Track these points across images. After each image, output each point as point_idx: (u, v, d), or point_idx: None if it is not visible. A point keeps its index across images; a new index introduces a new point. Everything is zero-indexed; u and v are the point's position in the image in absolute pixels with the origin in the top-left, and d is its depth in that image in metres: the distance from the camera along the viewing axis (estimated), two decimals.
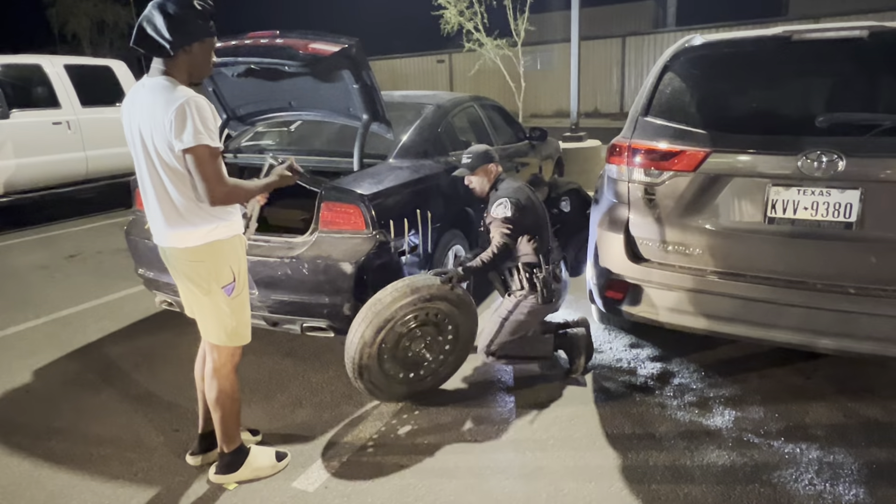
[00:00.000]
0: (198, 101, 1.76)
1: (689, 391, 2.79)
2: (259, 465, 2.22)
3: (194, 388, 2.88)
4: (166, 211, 1.89)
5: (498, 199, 2.83)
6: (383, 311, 2.51)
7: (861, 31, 2.39)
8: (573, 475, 2.22)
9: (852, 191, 2.29)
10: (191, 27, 1.78)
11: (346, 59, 2.90)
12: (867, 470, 2.20)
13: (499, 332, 2.80)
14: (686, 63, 2.74)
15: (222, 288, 1.99)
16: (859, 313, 2.29)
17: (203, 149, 1.73)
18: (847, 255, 2.35)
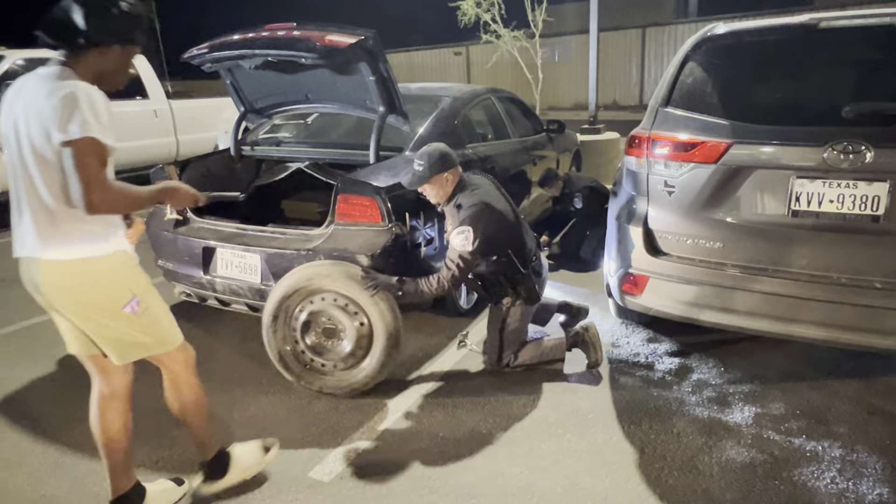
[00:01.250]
0: (91, 91, 1.53)
1: (707, 386, 2.76)
2: (246, 462, 2.13)
3: (217, 376, 2.95)
4: (36, 217, 1.61)
5: (460, 227, 2.57)
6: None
7: (892, 18, 2.33)
8: (589, 469, 2.22)
9: (880, 183, 2.24)
10: (111, 24, 1.60)
11: (362, 51, 2.90)
12: (892, 469, 2.16)
13: (502, 344, 2.84)
14: (708, 52, 2.70)
15: (123, 308, 1.72)
16: (886, 308, 2.25)
17: (89, 142, 1.48)
18: (874, 249, 2.30)
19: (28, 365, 3.17)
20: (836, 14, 2.51)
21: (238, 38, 3.11)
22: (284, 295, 2.70)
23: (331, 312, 2.71)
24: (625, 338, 3.29)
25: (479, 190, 2.70)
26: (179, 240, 3.22)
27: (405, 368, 3.02)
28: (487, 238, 2.58)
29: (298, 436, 2.47)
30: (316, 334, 2.76)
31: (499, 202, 2.74)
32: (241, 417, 2.63)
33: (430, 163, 2.63)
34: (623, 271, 2.78)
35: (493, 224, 2.62)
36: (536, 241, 3.02)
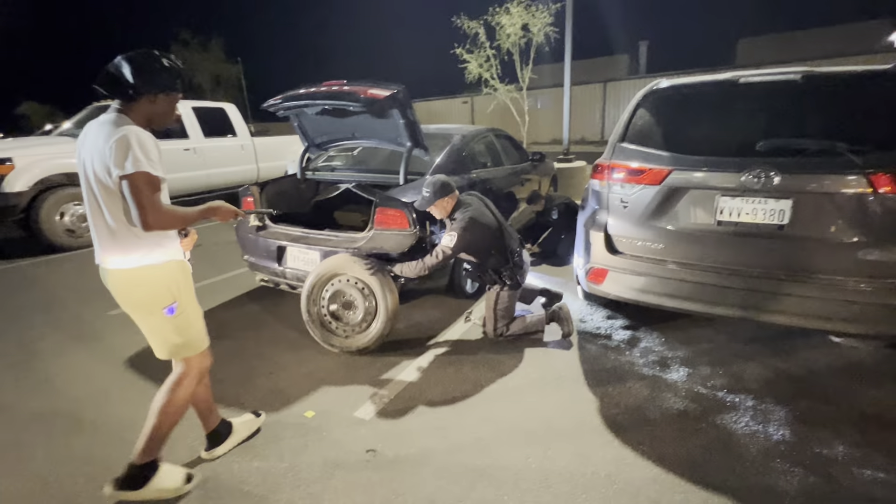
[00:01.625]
0: (140, 133, 1.48)
1: (652, 352, 2.73)
2: (165, 486, 1.72)
3: (286, 340, 2.98)
4: (101, 235, 1.57)
5: (450, 230, 2.63)
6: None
7: (796, 75, 2.28)
8: (563, 413, 2.20)
9: (785, 200, 2.20)
10: (156, 78, 1.54)
11: (395, 101, 2.90)
12: (791, 416, 2.12)
13: (495, 318, 2.85)
14: (655, 101, 2.66)
15: (163, 309, 1.64)
16: (787, 294, 2.20)
17: (141, 175, 1.43)
18: (779, 249, 2.26)
19: None
20: (752, 72, 2.46)
21: (303, 92, 3.12)
22: (318, 276, 2.78)
23: (349, 291, 2.76)
24: (589, 315, 3.26)
25: (469, 208, 2.71)
26: (260, 240, 3.25)
27: (424, 336, 3.02)
28: (469, 243, 2.65)
29: (345, 385, 2.48)
30: (337, 306, 2.81)
31: (483, 217, 2.74)
32: (305, 372, 2.64)
33: (433, 190, 2.65)
34: (589, 265, 2.75)
35: (476, 233, 2.66)
36: (520, 241, 3.00)
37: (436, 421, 2.17)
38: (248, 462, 1.93)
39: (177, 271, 1.68)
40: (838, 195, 2.11)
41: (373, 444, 2.02)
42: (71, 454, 2.01)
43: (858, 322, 2.10)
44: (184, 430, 1.98)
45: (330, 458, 1.94)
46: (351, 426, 2.15)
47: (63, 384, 2.58)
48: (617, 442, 1.99)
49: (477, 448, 1.98)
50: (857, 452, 1.88)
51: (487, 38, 10.53)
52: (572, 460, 1.89)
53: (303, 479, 1.83)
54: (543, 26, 10.02)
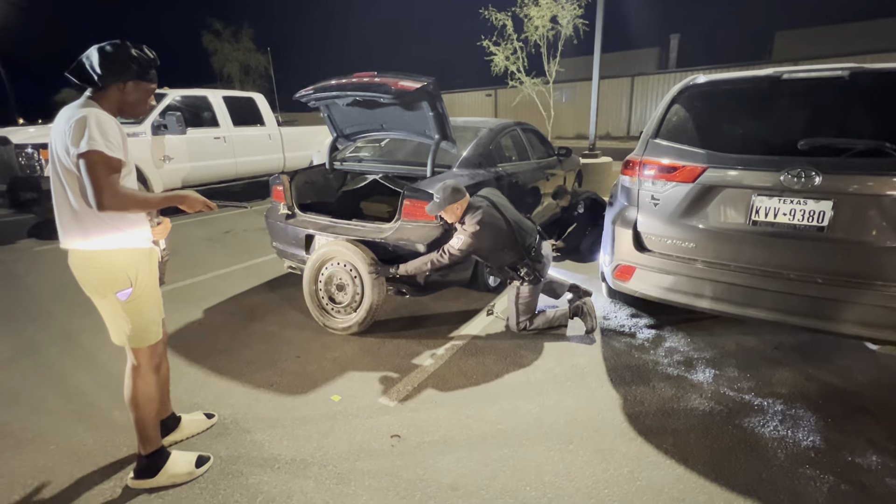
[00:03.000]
0: (101, 115, 1.47)
1: (677, 352, 2.70)
2: (176, 471, 1.77)
3: (313, 326, 3.05)
4: (64, 217, 1.55)
5: (459, 233, 2.63)
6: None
7: (843, 72, 2.19)
8: (586, 408, 2.20)
9: (826, 201, 2.12)
10: (122, 67, 1.53)
11: (425, 93, 2.90)
12: (822, 422, 2.07)
13: (517, 312, 2.87)
14: (690, 97, 2.59)
15: (116, 294, 1.61)
16: (824, 299, 2.14)
17: (95, 154, 1.41)
18: (817, 252, 2.19)
19: (184, 313, 3.34)
20: (795, 68, 2.38)
21: (334, 83, 3.15)
22: (316, 260, 2.97)
23: (341, 274, 2.91)
24: (613, 313, 3.23)
25: (478, 212, 2.65)
26: (289, 228, 3.32)
27: (447, 328, 3.05)
28: (479, 245, 2.63)
29: (370, 371, 2.53)
30: (332, 286, 2.98)
31: (493, 219, 2.68)
32: (331, 357, 2.70)
33: (444, 196, 2.61)
34: (616, 262, 2.72)
35: (485, 236, 2.63)
36: (539, 235, 2.95)
37: (458, 411, 2.20)
38: (278, 441, 2.00)
39: (139, 259, 1.65)
40: (883, 197, 2.03)
41: (397, 430, 2.06)
42: (114, 424, 2.12)
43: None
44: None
45: (356, 442, 1.99)
46: (376, 412, 2.19)
47: (104, 360, 2.71)
48: (640, 440, 1.98)
49: (499, 439, 2.00)
50: (891, 463, 1.83)
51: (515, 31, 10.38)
52: (594, 455, 1.90)
53: (330, 460, 1.89)
54: (573, 18, 9.83)
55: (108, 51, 1.52)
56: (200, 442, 2.01)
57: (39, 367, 2.65)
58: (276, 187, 3.48)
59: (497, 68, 10.99)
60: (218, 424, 2.11)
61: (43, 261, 4.68)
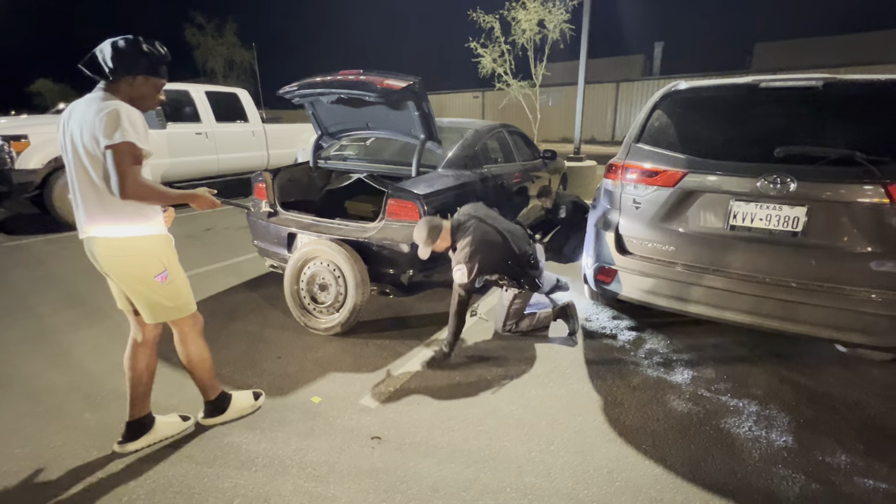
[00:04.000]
0: (129, 108, 1.55)
1: (657, 354, 2.74)
2: (241, 405, 2.11)
3: (295, 326, 3.00)
4: (90, 205, 1.61)
5: (456, 263, 2.51)
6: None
7: (817, 82, 2.26)
8: (567, 409, 2.22)
9: (800, 207, 2.18)
10: (133, 62, 1.59)
11: (411, 92, 2.89)
12: (795, 423, 2.13)
13: (508, 314, 2.86)
14: (672, 102, 2.64)
15: (155, 277, 1.73)
16: (798, 302, 2.20)
17: (127, 145, 1.50)
18: (792, 256, 2.24)
19: None
20: (772, 77, 2.44)
21: (319, 80, 3.12)
22: (298, 259, 2.93)
23: (324, 274, 2.87)
24: (595, 315, 3.27)
25: (467, 233, 2.54)
26: (271, 226, 3.27)
27: (431, 329, 3.04)
28: (481, 267, 2.50)
29: (352, 372, 2.51)
30: (314, 286, 2.95)
31: (486, 235, 2.57)
32: (312, 358, 2.67)
33: (425, 236, 2.49)
34: (598, 265, 2.75)
35: (483, 255, 2.51)
36: (529, 239, 2.92)
37: (440, 412, 2.19)
38: (256, 444, 1.96)
39: (165, 243, 1.79)
40: (854, 204, 2.09)
41: (378, 431, 2.04)
42: (84, 426, 2.05)
43: (868, 333, 2.10)
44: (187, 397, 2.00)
45: (336, 444, 1.97)
46: (356, 413, 2.17)
47: (78, 358, 2.62)
48: (620, 441, 2.00)
49: (480, 440, 2.00)
50: (859, 462, 1.89)
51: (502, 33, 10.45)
52: (575, 456, 1.91)
53: (309, 462, 1.86)
54: (560, 23, 9.94)
55: (120, 45, 1.58)
56: (175, 444, 1.95)
57: (6, 366, 2.55)
58: (259, 185, 3.43)
59: (484, 70, 11.06)
60: (196, 428, 2.06)
61: (12, 257, 4.51)
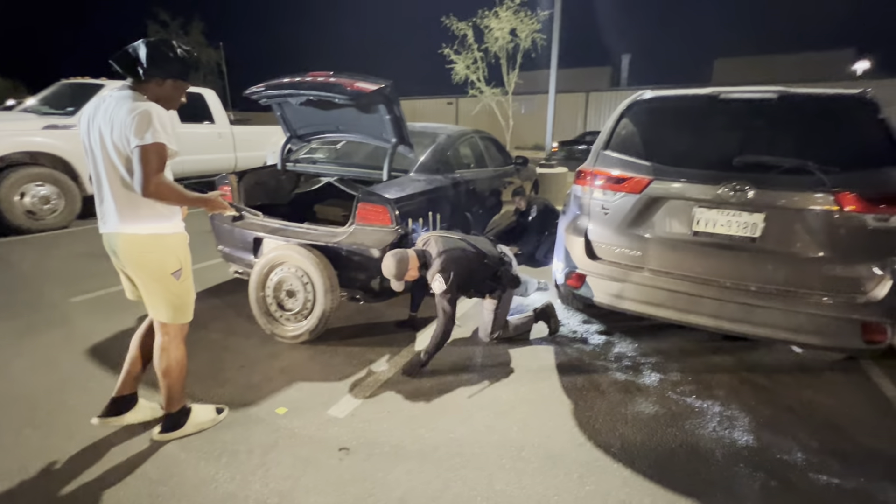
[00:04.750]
0: (159, 109, 1.61)
1: (625, 357, 2.79)
2: (200, 420, 2.02)
3: (260, 334, 2.90)
4: (120, 202, 1.68)
5: (434, 276, 2.48)
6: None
7: (772, 94, 2.37)
8: (537, 414, 2.22)
9: (758, 213, 2.28)
10: (166, 64, 1.65)
11: (382, 96, 2.87)
12: (755, 422, 2.20)
13: (496, 322, 2.82)
14: (638, 111, 2.72)
15: (171, 274, 1.80)
16: (756, 306, 2.28)
17: (157, 146, 1.55)
18: (750, 261, 2.34)
19: (109, 325, 3.08)
20: (731, 89, 2.55)
21: (287, 81, 3.05)
22: (265, 264, 2.84)
23: (292, 280, 2.79)
24: (566, 319, 3.30)
25: (434, 249, 2.55)
26: (236, 231, 3.16)
27: (402, 336, 3.00)
28: (458, 272, 2.48)
29: (320, 381, 2.44)
30: (281, 292, 2.85)
31: (450, 243, 2.59)
32: (278, 367, 2.58)
33: (395, 272, 2.47)
34: (568, 270, 2.79)
35: (454, 262, 2.50)
36: (493, 243, 2.92)
37: (411, 420, 2.15)
38: (215, 459, 1.87)
39: (183, 241, 1.87)
40: (807, 211, 2.20)
41: (346, 442, 1.98)
42: (25, 445, 1.90)
43: (821, 335, 2.20)
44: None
45: (301, 456, 1.90)
46: (324, 424, 2.10)
47: (20, 371, 2.44)
48: (589, 444, 2.02)
49: (451, 448, 1.97)
50: (814, 458, 1.97)
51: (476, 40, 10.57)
52: (545, 462, 1.91)
53: (272, 477, 1.78)
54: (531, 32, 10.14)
55: (157, 48, 1.63)
56: (127, 461, 1.83)
57: None
58: (223, 187, 3.31)
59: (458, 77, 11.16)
60: (151, 445, 1.94)
61: None
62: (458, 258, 2.54)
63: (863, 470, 1.90)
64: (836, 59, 24.93)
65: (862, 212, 2.11)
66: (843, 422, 2.22)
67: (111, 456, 1.87)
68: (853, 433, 2.13)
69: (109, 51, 1.69)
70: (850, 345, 2.18)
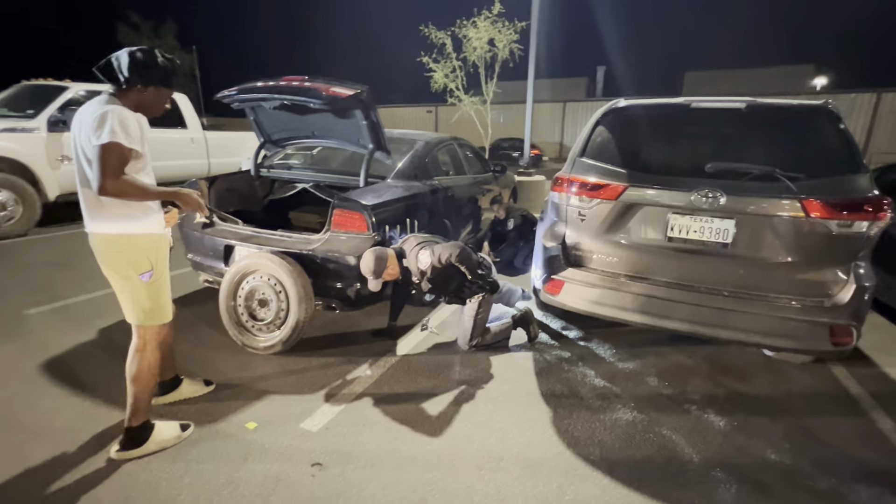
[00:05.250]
0: (122, 111, 1.61)
1: (603, 364, 2.79)
2: (164, 437, 1.92)
3: (231, 346, 2.79)
4: (89, 203, 1.70)
5: (416, 255, 2.64)
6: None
7: (740, 104, 2.44)
8: (517, 424, 2.19)
9: (729, 220, 2.32)
10: (147, 72, 1.69)
11: (358, 101, 2.83)
12: (729, 426, 2.23)
13: (475, 329, 2.80)
14: (613, 119, 2.76)
15: (140, 275, 1.77)
16: (730, 310, 2.32)
17: (114, 145, 1.56)
18: (723, 266, 2.38)
19: (74, 333, 2.92)
20: (703, 98, 2.61)
21: (261, 85, 2.98)
22: (236, 273, 2.74)
23: (264, 289, 2.70)
24: (545, 326, 3.29)
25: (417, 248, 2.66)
26: (206, 238, 3.05)
27: (379, 345, 2.93)
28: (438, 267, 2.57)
29: (293, 394, 2.35)
30: (253, 302, 2.76)
31: (433, 241, 2.70)
32: (248, 379, 2.48)
33: (373, 270, 2.53)
34: (546, 276, 2.79)
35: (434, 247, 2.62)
36: (472, 249, 2.91)
37: (387, 432, 2.09)
38: (178, 479, 1.76)
39: (157, 243, 1.83)
40: (775, 217, 2.26)
41: (319, 457, 1.91)
42: None
43: (791, 338, 2.25)
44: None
45: (272, 473, 1.81)
46: (296, 438, 2.02)
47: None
48: (569, 453, 2.00)
49: (429, 460, 1.92)
50: (787, 460, 1.99)
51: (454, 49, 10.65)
52: (524, 471, 1.88)
53: (240, 496, 1.69)
54: (508, 42, 10.27)
55: (137, 57, 1.67)
56: (80, 481, 1.71)
57: None
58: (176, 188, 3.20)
59: (436, 85, 11.18)
60: (107, 465, 1.82)
61: None
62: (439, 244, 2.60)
63: (833, 471, 1.94)
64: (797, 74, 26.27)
65: (826, 218, 2.18)
66: (813, 423, 2.27)
67: (62, 480, 1.74)
68: (823, 434, 2.18)
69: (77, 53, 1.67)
70: (818, 347, 2.23)
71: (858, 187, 2.20)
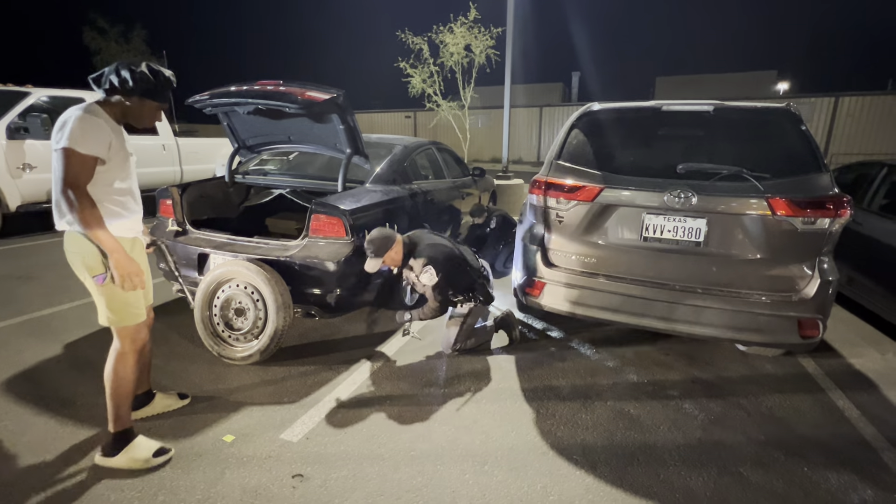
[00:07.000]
0: (88, 117, 1.60)
1: (585, 363, 2.82)
2: (136, 455, 1.83)
3: (206, 357, 2.71)
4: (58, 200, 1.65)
5: (423, 268, 2.62)
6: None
7: (708, 107, 2.52)
8: (500, 426, 2.19)
9: (701, 219, 2.39)
10: (131, 84, 1.69)
11: (334, 105, 2.80)
12: (707, 420, 2.28)
13: (461, 333, 2.81)
14: (588, 122, 2.80)
15: (93, 277, 1.72)
16: (703, 307, 2.38)
17: (70, 151, 1.55)
18: (696, 265, 2.44)
19: (38, 349, 2.79)
20: (672, 101, 2.69)
21: (234, 89, 2.92)
22: (211, 281, 2.68)
23: (241, 297, 2.65)
24: (526, 327, 3.31)
25: (421, 244, 2.72)
26: (178, 247, 2.95)
27: (360, 352, 2.90)
28: (444, 265, 2.64)
29: (273, 404, 2.29)
30: (229, 311, 2.70)
31: (438, 245, 2.74)
32: (225, 388, 2.41)
33: (376, 247, 2.57)
34: (526, 278, 2.81)
35: (443, 259, 2.67)
36: (474, 255, 3.02)
37: (370, 440, 2.06)
38: (151, 498, 1.69)
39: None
40: (744, 216, 2.33)
41: (300, 468, 1.86)
42: None
43: (762, 332, 2.32)
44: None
45: (250, 487, 1.76)
46: (276, 449, 1.97)
47: None
48: (552, 453, 2.00)
49: (413, 466, 1.90)
50: (762, 452, 2.05)
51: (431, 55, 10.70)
52: (509, 474, 1.87)
53: None
54: (485, 48, 10.39)
55: (121, 70, 1.69)
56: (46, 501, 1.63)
57: None
58: (164, 201, 3.11)
59: (414, 90, 11.22)
60: (78, 483, 1.74)
61: None
62: (449, 256, 2.65)
63: (806, 460, 2.00)
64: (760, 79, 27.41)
65: (791, 215, 2.26)
66: (786, 413, 2.34)
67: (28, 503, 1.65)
68: (795, 424, 2.25)
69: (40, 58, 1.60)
70: (788, 340, 2.31)
71: (821, 186, 2.29)
